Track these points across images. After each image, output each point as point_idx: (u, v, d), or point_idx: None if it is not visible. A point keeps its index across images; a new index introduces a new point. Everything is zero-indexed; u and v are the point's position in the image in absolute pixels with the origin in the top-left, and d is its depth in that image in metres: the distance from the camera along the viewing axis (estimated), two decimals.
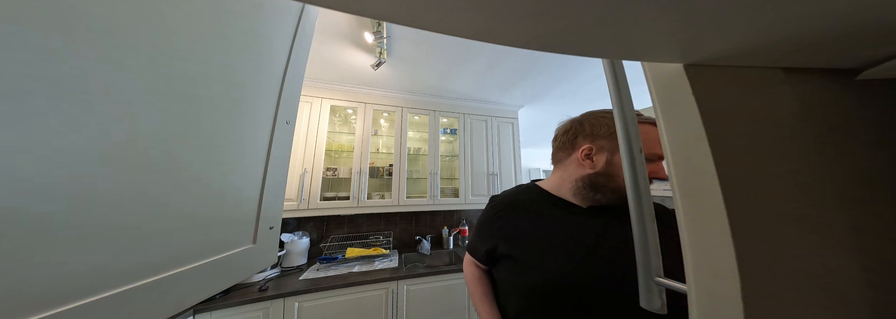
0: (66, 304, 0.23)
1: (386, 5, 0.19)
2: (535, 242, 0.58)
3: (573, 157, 0.61)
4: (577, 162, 0.60)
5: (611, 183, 0.56)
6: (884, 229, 0.25)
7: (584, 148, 0.59)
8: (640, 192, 0.30)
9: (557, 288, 0.52)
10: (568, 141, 0.62)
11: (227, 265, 0.43)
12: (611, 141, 0.56)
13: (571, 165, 0.62)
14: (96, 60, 0.24)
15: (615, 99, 0.32)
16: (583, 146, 0.59)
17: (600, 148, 0.57)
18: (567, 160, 0.63)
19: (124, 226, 0.28)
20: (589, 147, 0.58)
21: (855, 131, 0.27)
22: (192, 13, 0.34)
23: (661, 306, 0.29)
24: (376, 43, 1.33)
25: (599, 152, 0.57)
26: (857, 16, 0.20)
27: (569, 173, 0.62)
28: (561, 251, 0.55)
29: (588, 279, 0.51)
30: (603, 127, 0.58)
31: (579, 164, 0.59)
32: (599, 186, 0.57)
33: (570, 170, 0.62)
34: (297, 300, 1.34)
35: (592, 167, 0.57)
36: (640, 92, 0.51)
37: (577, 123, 0.63)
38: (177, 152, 0.34)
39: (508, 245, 0.61)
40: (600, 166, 0.57)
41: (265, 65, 0.51)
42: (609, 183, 0.56)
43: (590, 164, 0.58)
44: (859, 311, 0.23)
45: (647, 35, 0.23)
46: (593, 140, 0.58)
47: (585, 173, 0.58)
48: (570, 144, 0.62)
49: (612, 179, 0.56)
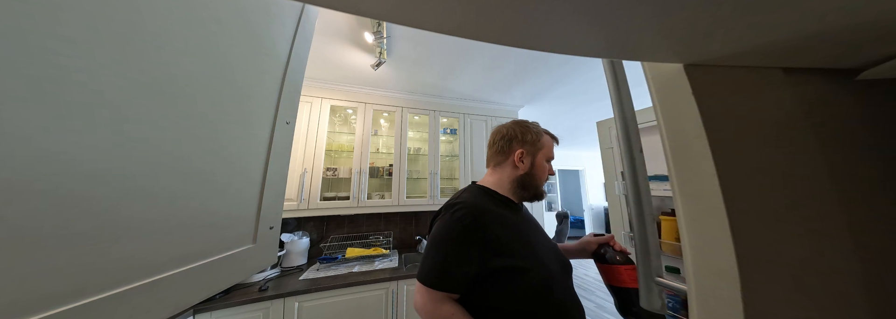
0: (65, 304, 0.23)
1: (386, 5, 0.19)
2: (518, 243, 0.61)
3: (509, 160, 0.70)
4: (513, 164, 0.69)
5: (534, 181, 0.69)
6: (883, 228, 0.25)
7: (519, 152, 0.69)
8: (640, 192, 0.30)
9: (548, 279, 0.58)
10: (505, 145, 0.71)
11: (227, 265, 0.43)
12: (534, 146, 0.69)
13: (508, 166, 0.70)
14: (100, 62, 0.24)
15: (615, 99, 0.32)
16: (518, 150, 0.69)
17: (528, 152, 0.69)
18: (505, 162, 0.71)
19: (120, 226, 0.28)
20: (522, 151, 0.69)
21: (855, 131, 0.27)
22: (191, 13, 0.34)
23: (661, 306, 0.29)
24: (376, 43, 1.33)
25: (527, 156, 0.69)
26: (857, 16, 0.20)
27: (506, 174, 0.70)
28: (531, 245, 0.62)
29: (546, 264, 0.60)
30: (530, 134, 0.70)
31: (514, 166, 0.69)
32: (527, 184, 0.69)
33: (507, 171, 0.70)
34: (297, 300, 1.34)
35: (524, 169, 0.68)
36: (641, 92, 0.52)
37: (511, 130, 0.72)
38: (176, 152, 0.34)
39: (501, 257, 0.57)
40: (527, 167, 0.68)
41: (265, 65, 0.51)
42: (533, 181, 0.69)
43: (523, 166, 0.68)
44: (859, 311, 0.23)
45: (648, 35, 0.23)
46: (523, 145, 0.69)
47: (518, 174, 0.69)
48: (507, 148, 0.70)
49: (535, 178, 0.69)
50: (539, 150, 0.69)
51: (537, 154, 0.69)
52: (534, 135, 0.70)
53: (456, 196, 0.68)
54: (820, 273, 0.23)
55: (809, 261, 0.23)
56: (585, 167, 5.97)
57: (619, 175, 1.42)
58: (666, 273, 0.29)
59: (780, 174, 0.25)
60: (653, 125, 1.22)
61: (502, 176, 0.71)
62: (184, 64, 0.34)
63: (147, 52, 0.29)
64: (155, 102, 0.30)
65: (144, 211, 0.30)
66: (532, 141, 0.69)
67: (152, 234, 0.31)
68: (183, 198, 0.35)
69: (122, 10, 0.27)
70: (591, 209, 5.77)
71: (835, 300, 0.23)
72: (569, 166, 5.78)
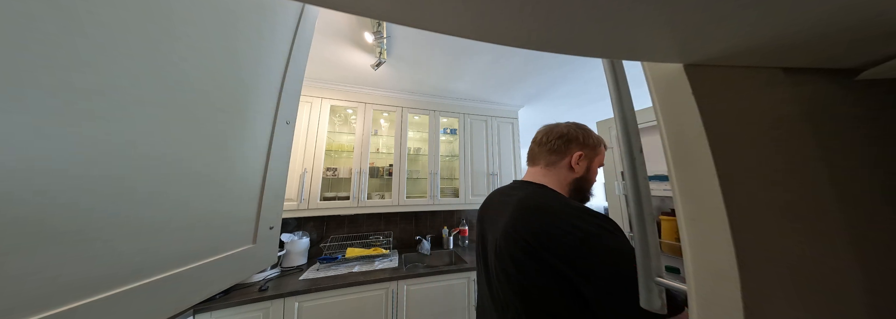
0: (65, 304, 0.23)
1: (386, 5, 0.19)
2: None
3: (565, 161, 0.67)
4: (568, 166, 0.67)
5: (586, 185, 0.68)
6: (882, 229, 0.25)
7: (578, 154, 0.67)
8: (640, 192, 0.30)
9: None
10: (563, 145, 0.68)
11: (227, 265, 0.43)
12: (593, 151, 0.68)
13: (563, 168, 0.67)
14: (101, 63, 0.24)
15: (615, 99, 0.32)
16: (577, 152, 0.67)
17: (586, 156, 0.67)
18: (560, 163, 0.68)
19: (121, 226, 0.28)
20: (581, 153, 0.67)
21: (855, 131, 0.27)
22: (191, 13, 0.34)
23: (661, 306, 0.29)
24: (376, 43, 1.33)
25: (584, 159, 0.67)
26: (857, 15, 0.20)
27: (563, 176, 0.67)
28: None
29: None
30: (591, 138, 0.69)
31: (570, 168, 0.67)
32: (581, 188, 0.68)
33: (563, 173, 0.67)
34: (297, 300, 1.34)
35: (580, 172, 0.67)
36: (641, 92, 0.52)
37: (572, 130, 0.69)
38: (177, 152, 0.34)
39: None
40: (583, 171, 0.67)
41: (265, 65, 0.51)
42: (585, 186, 0.68)
43: (578, 168, 0.67)
44: (859, 311, 0.23)
45: (647, 35, 0.23)
46: (583, 148, 0.67)
47: (575, 177, 0.67)
48: (565, 148, 0.68)
49: (588, 182, 0.69)
50: (596, 155, 0.69)
51: (594, 159, 0.69)
52: (594, 140, 0.69)
53: (542, 198, 0.58)
54: (820, 273, 0.23)
55: (809, 261, 0.23)
56: None
57: (619, 175, 1.42)
58: (666, 273, 0.29)
59: (780, 174, 0.25)
60: (653, 125, 1.22)
61: (560, 177, 0.67)
62: (183, 64, 0.34)
63: (146, 52, 0.29)
64: (155, 102, 0.30)
65: (144, 212, 0.30)
66: (593, 146, 0.69)
67: (152, 234, 0.31)
68: (183, 198, 0.35)
69: (122, 11, 0.27)
70: None
71: (835, 300, 0.23)
72: None
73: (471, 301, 1.65)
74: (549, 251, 0.49)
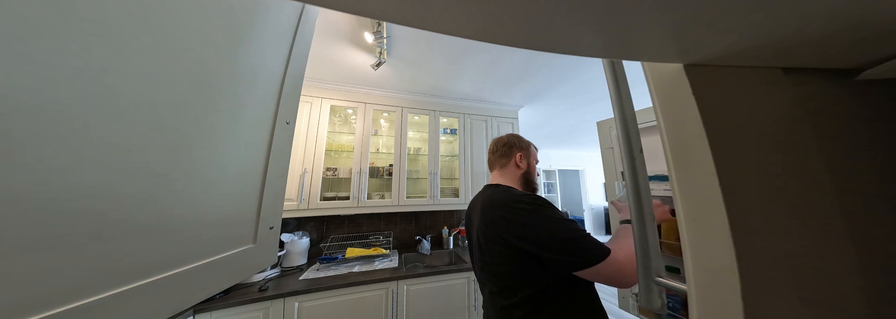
0: (65, 304, 0.23)
1: (386, 5, 0.19)
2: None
3: (512, 161, 0.87)
4: (515, 165, 0.87)
5: (531, 177, 0.88)
6: (882, 228, 0.25)
7: (519, 154, 0.87)
8: (640, 192, 0.30)
9: None
10: (507, 150, 0.88)
11: (227, 265, 0.43)
12: (527, 150, 0.89)
13: (512, 167, 0.87)
14: (104, 59, 0.24)
15: (615, 99, 0.32)
16: (518, 153, 0.87)
17: (524, 155, 0.88)
18: (509, 164, 0.87)
19: (121, 227, 0.28)
20: (521, 154, 0.87)
21: (854, 131, 0.27)
22: (191, 13, 0.34)
23: (661, 306, 0.29)
24: (376, 43, 1.33)
25: (523, 158, 0.87)
26: (856, 15, 0.20)
27: (514, 173, 0.87)
28: None
29: None
30: (523, 142, 0.91)
31: (517, 166, 0.87)
32: (529, 180, 0.88)
33: (513, 171, 0.87)
34: (297, 300, 1.34)
35: (524, 168, 0.87)
36: (641, 92, 0.52)
37: (509, 138, 0.91)
38: (176, 152, 0.34)
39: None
40: (526, 166, 0.87)
41: (265, 65, 0.51)
42: (531, 178, 0.88)
43: (523, 165, 0.87)
44: (858, 311, 0.23)
45: (647, 35, 0.23)
46: (521, 150, 0.88)
47: (521, 172, 0.87)
48: (509, 152, 0.88)
49: (532, 175, 0.89)
50: (531, 154, 0.91)
51: (530, 157, 0.90)
52: (526, 143, 0.92)
53: (496, 195, 0.73)
54: (820, 273, 0.23)
55: (809, 261, 0.23)
56: (585, 167, 5.97)
57: (619, 175, 1.42)
58: (666, 273, 0.29)
59: (781, 174, 0.25)
60: (653, 125, 1.22)
61: (513, 175, 0.86)
62: (181, 64, 0.34)
63: (145, 52, 0.29)
64: (154, 102, 0.30)
65: (145, 212, 0.30)
66: (526, 147, 0.91)
67: (152, 234, 0.31)
68: (183, 199, 0.35)
69: (122, 11, 0.27)
70: (591, 209, 5.77)
71: (835, 300, 0.23)
72: (569, 166, 5.78)
73: (471, 301, 1.65)
74: (508, 233, 0.63)
